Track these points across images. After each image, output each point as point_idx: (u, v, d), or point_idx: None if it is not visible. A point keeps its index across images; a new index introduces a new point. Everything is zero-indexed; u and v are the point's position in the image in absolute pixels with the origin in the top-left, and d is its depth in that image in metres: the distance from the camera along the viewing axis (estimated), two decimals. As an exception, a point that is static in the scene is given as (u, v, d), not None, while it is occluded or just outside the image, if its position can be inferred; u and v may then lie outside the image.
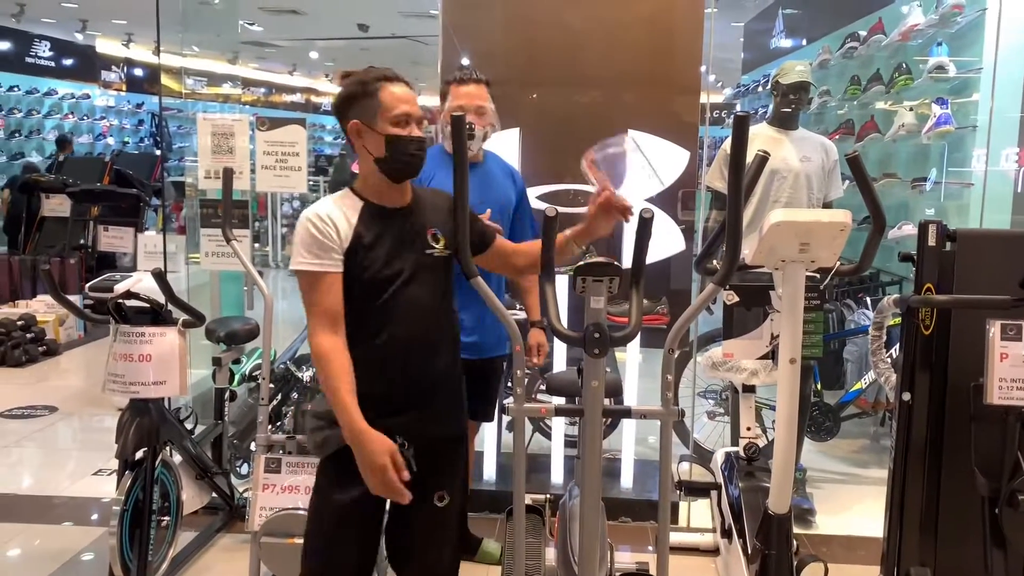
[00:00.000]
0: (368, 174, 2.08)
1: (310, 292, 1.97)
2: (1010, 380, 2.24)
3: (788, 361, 2.41)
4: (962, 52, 4.34)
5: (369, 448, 1.92)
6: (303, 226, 1.99)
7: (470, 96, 2.90)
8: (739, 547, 2.82)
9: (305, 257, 1.97)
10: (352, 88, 2.04)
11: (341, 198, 2.07)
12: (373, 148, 2.03)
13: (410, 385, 2.06)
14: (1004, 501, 2.26)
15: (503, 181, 3.04)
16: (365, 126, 2.03)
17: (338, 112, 2.09)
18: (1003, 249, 2.53)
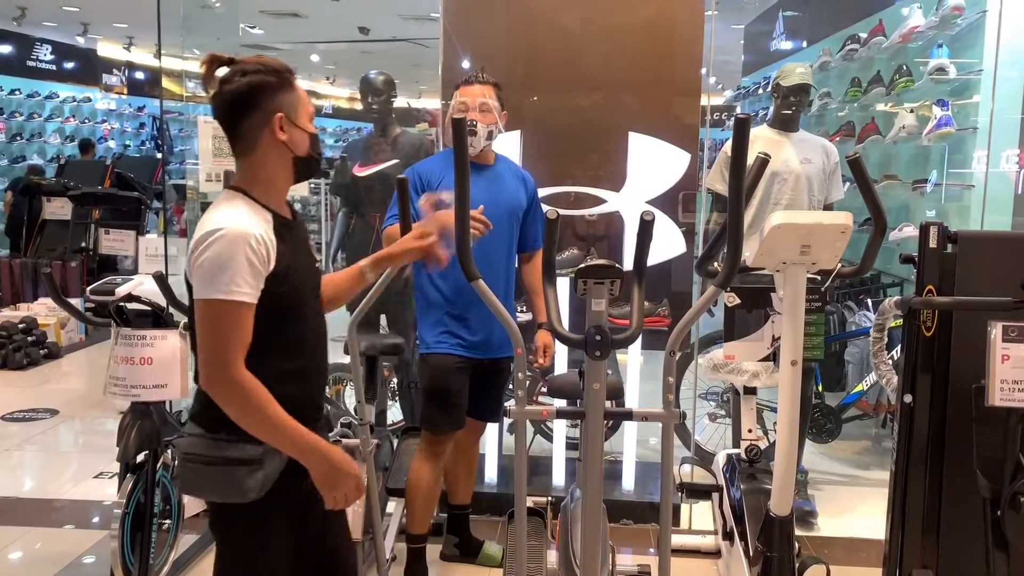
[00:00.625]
0: (276, 177, 1.83)
1: (234, 323, 1.70)
2: (1011, 382, 2.24)
3: (789, 363, 2.41)
4: (962, 54, 4.34)
5: (340, 459, 1.80)
6: (240, 247, 1.68)
7: (473, 94, 2.91)
8: (741, 549, 2.82)
9: (241, 287, 1.69)
10: (268, 77, 1.78)
11: (253, 212, 1.77)
12: (296, 145, 1.82)
13: (319, 399, 1.97)
14: (1006, 503, 2.26)
15: (513, 184, 3.04)
16: (289, 121, 1.80)
17: (245, 103, 1.77)
18: (1004, 251, 2.53)
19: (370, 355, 3.21)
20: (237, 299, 1.69)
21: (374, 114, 4.09)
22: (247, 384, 1.70)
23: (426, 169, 2.93)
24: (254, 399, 1.71)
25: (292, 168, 1.84)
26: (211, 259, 1.68)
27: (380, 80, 4.08)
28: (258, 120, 1.78)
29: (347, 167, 4.15)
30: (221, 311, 1.69)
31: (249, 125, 1.78)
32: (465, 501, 3.32)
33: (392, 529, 3.22)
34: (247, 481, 1.75)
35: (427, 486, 2.98)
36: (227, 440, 1.76)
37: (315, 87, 18.79)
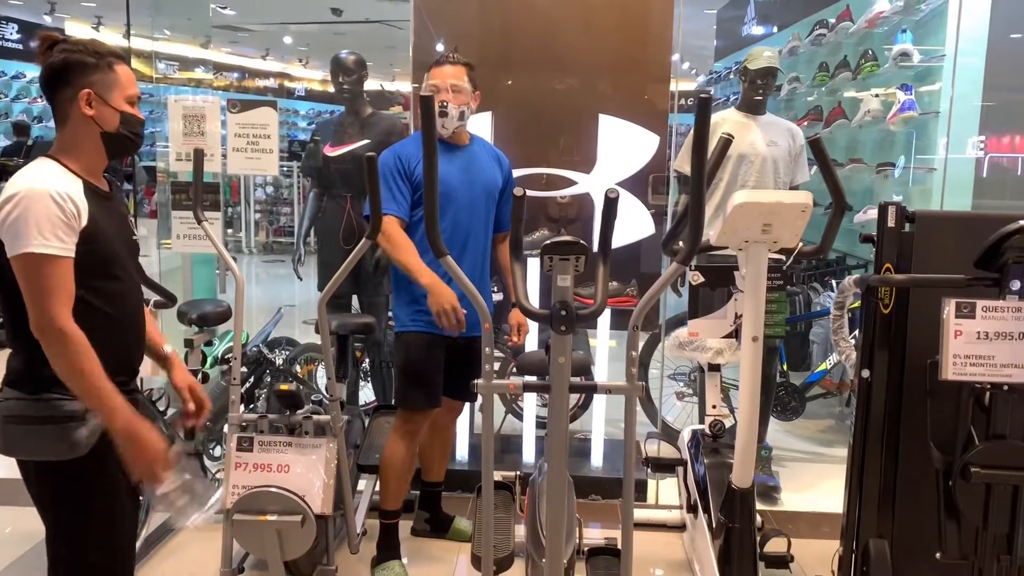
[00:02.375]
0: (86, 150, 1.94)
1: (53, 276, 1.79)
2: (964, 356, 2.30)
3: (751, 339, 2.47)
4: (926, 40, 4.42)
5: (141, 431, 1.86)
6: (44, 203, 1.79)
7: (444, 75, 2.91)
8: (704, 522, 2.89)
9: (52, 240, 1.78)
10: (84, 57, 1.90)
11: (57, 173, 1.88)
12: (104, 121, 1.93)
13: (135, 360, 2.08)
14: (957, 473, 2.33)
15: (489, 164, 3.06)
16: (98, 97, 1.92)
17: (60, 78, 1.91)
18: (960, 230, 2.59)
19: (341, 334, 3.25)
20: (48, 252, 1.78)
21: (345, 94, 4.09)
22: (70, 333, 1.79)
23: (404, 152, 2.93)
24: (74, 348, 1.80)
25: (101, 142, 1.96)
26: (16, 217, 1.78)
27: (351, 60, 4.08)
28: (69, 95, 1.91)
29: (318, 149, 4.15)
30: (35, 264, 1.78)
31: (62, 99, 1.92)
32: (438, 479, 3.37)
33: (363, 505, 3.26)
34: (75, 435, 1.86)
35: (400, 464, 3.01)
36: (54, 399, 1.86)
37: (288, 69, 18.62)
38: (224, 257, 2.85)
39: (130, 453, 1.87)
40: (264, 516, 2.50)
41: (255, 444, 2.63)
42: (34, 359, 1.85)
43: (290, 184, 12.33)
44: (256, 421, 2.68)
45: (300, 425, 2.69)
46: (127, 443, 1.86)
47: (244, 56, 16.93)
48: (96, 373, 1.82)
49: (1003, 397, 2.32)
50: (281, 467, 2.60)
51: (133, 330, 2.05)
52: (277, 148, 3.69)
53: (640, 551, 3.02)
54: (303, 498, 2.52)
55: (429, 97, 2.02)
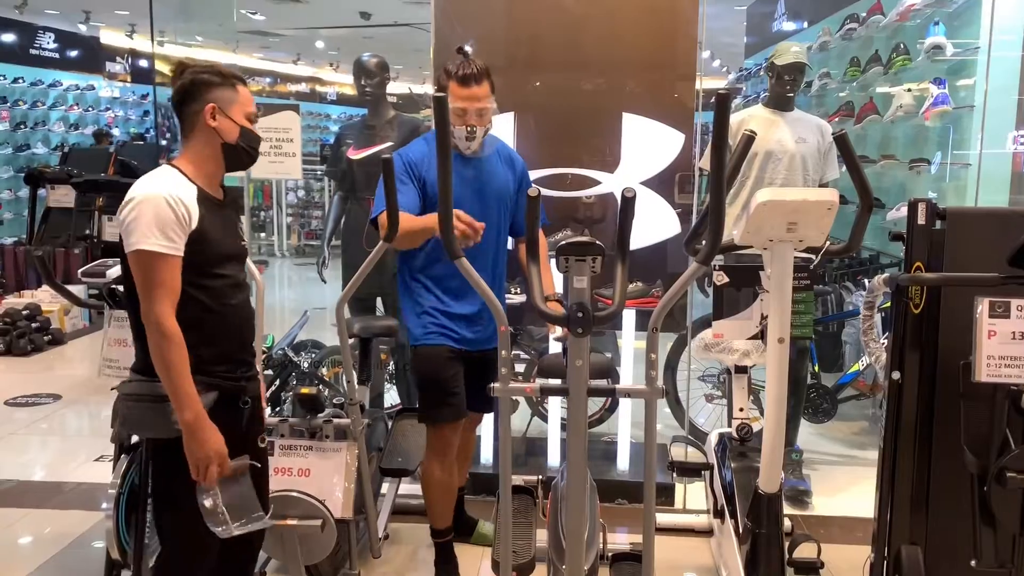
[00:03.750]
0: (206, 159, 2.15)
1: (160, 273, 2.00)
2: (998, 357, 2.23)
3: (776, 341, 2.42)
4: (959, 32, 4.31)
5: (203, 433, 2.02)
6: (158, 205, 2.00)
7: (473, 98, 2.73)
8: (731, 527, 2.83)
9: (159, 239, 1.99)
10: (210, 77, 2.14)
11: (174, 180, 2.09)
12: (226, 133, 2.14)
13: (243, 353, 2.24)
14: (992, 478, 2.26)
15: (502, 170, 2.95)
16: (221, 111, 2.13)
17: (189, 94, 2.13)
18: (992, 227, 2.52)
19: (364, 337, 3.23)
20: (156, 249, 1.99)
21: (367, 97, 4.08)
22: (167, 328, 1.99)
23: (411, 156, 2.84)
24: (172, 348, 1.99)
25: (221, 153, 2.15)
26: (133, 218, 1.99)
27: (373, 62, 4.07)
28: (196, 108, 2.12)
29: (341, 152, 4.15)
30: (145, 260, 1.99)
31: (189, 112, 2.13)
32: (460, 483, 3.33)
33: (386, 509, 3.25)
34: (175, 415, 2.03)
35: (438, 482, 2.94)
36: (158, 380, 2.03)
37: (319, 74, 18.77)
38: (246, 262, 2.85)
39: (189, 447, 2.03)
40: (285, 521, 2.49)
41: (276, 448, 2.63)
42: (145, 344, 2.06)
43: (321, 188, 12.42)
44: (277, 425, 2.68)
45: (321, 429, 2.69)
46: (189, 437, 2.02)
47: (276, 61, 17.09)
48: (180, 368, 2.00)
49: (1040, 400, 2.24)
50: (302, 471, 2.59)
51: (239, 323, 2.21)
52: (300, 152, 3.69)
53: (667, 556, 2.98)
54: (323, 502, 2.51)
55: (442, 97, 2.00)
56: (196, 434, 2.03)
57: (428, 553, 3.14)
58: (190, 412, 2.01)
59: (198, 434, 2.03)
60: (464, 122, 2.74)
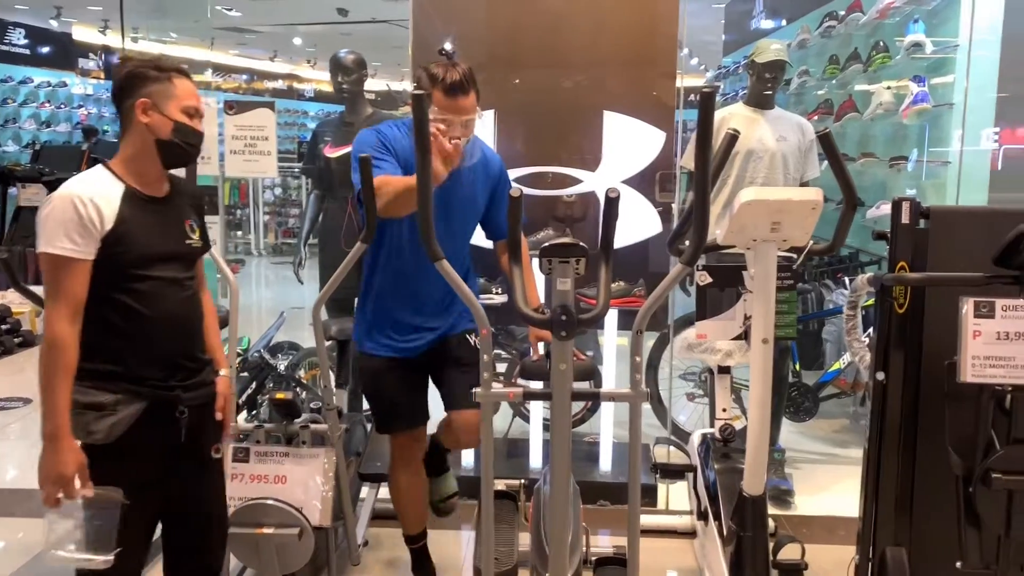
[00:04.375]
0: (139, 155, 2.07)
1: (61, 277, 1.95)
2: (983, 358, 2.21)
3: (760, 341, 2.39)
4: (938, 29, 4.32)
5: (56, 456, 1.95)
6: (64, 206, 1.94)
7: (460, 110, 2.53)
8: (715, 529, 2.81)
9: (63, 241, 1.93)
10: (144, 69, 2.06)
11: (98, 179, 2.03)
12: (158, 129, 2.05)
13: (180, 359, 2.13)
14: (978, 479, 2.25)
15: (476, 179, 2.76)
16: (154, 107, 2.05)
17: (123, 88, 2.06)
18: (977, 226, 2.51)
19: (342, 340, 3.18)
20: (58, 252, 1.93)
21: (344, 94, 4.02)
22: (60, 339, 1.93)
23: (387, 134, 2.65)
24: (58, 356, 1.93)
25: (156, 149, 2.07)
26: (42, 218, 1.95)
27: (350, 59, 4.01)
28: (129, 104, 2.05)
29: (317, 150, 4.09)
30: (47, 262, 1.95)
31: (124, 108, 2.06)
32: (451, 448, 3.02)
33: (365, 515, 3.20)
34: (94, 425, 1.99)
35: (404, 491, 2.87)
36: (86, 387, 2.00)
37: (296, 70, 18.62)
38: (219, 263, 2.79)
39: (42, 460, 1.96)
40: (261, 529, 2.44)
41: (251, 454, 2.57)
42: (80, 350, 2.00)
43: (299, 186, 12.31)
44: (252, 431, 2.62)
45: (297, 435, 2.63)
46: (45, 450, 1.96)
47: (252, 58, 16.93)
48: (54, 378, 1.93)
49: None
50: (278, 478, 2.54)
51: (175, 326, 2.11)
52: (276, 150, 3.63)
53: (649, 559, 2.95)
54: (300, 510, 2.46)
55: (421, 95, 1.95)
56: (50, 450, 1.95)
57: (408, 559, 3.09)
58: (51, 424, 1.94)
59: (55, 450, 1.95)
60: (446, 134, 2.48)
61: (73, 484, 1.97)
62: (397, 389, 2.75)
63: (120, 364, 2.02)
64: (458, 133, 2.52)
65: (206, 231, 2.29)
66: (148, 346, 2.06)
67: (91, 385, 2.01)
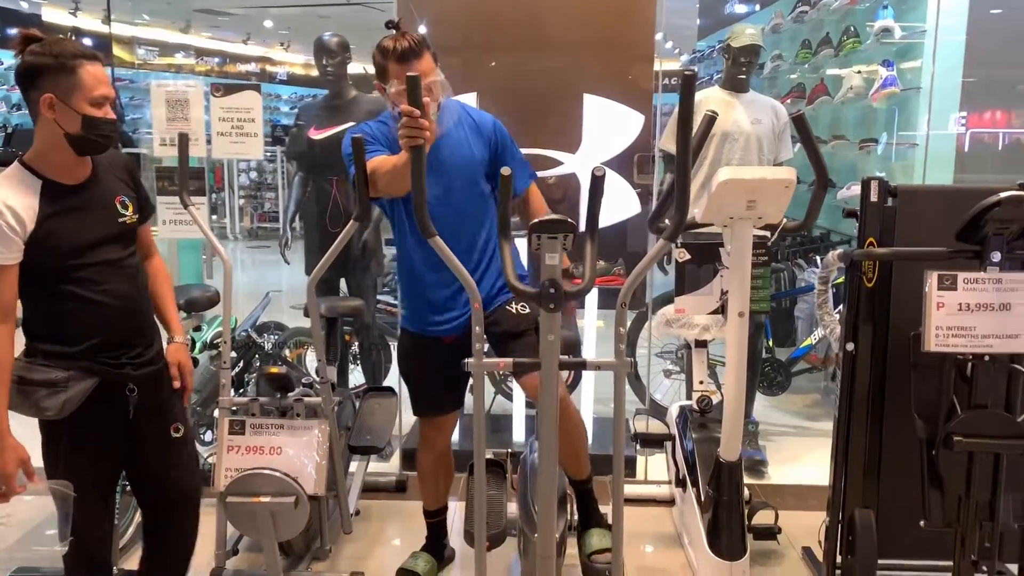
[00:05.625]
0: (51, 148, 2.03)
1: None
2: (946, 328, 2.33)
3: (737, 314, 2.50)
4: (907, 15, 4.44)
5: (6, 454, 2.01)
6: None
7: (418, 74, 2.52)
8: (693, 496, 2.93)
9: None
10: (45, 60, 1.96)
11: (13, 179, 2.00)
12: (67, 124, 1.99)
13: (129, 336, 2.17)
14: (940, 443, 2.37)
15: (465, 142, 2.69)
16: (60, 101, 1.98)
17: (26, 79, 1.99)
18: (941, 203, 2.63)
19: (330, 317, 3.26)
20: None
21: (328, 77, 4.07)
22: None
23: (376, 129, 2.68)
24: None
25: (67, 142, 2.02)
26: None
27: (334, 42, 4.06)
28: (35, 97, 1.99)
29: (301, 133, 4.14)
30: None
31: (31, 100, 2.00)
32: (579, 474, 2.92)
33: (356, 486, 3.28)
34: (46, 401, 2.04)
35: (422, 468, 2.94)
36: (39, 364, 2.05)
37: (269, 53, 18.44)
38: (212, 241, 2.85)
39: None
40: (258, 498, 2.51)
41: (247, 427, 2.64)
42: (29, 332, 2.10)
43: (274, 169, 12.27)
44: (247, 404, 2.70)
45: (292, 407, 2.71)
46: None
47: (225, 41, 16.76)
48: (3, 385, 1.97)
49: (984, 367, 2.36)
50: (273, 449, 2.61)
51: (117, 309, 2.12)
52: (262, 132, 3.68)
53: (630, 526, 3.06)
54: (296, 479, 2.53)
55: (416, 77, 2.03)
56: None
57: (398, 529, 3.19)
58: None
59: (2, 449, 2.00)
60: None
61: (15, 481, 2.03)
62: (423, 373, 2.78)
63: (70, 344, 2.06)
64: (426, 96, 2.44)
65: (145, 198, 2.27)
66: (96, 328, 2.09)
67: (43, 363, 2.06)
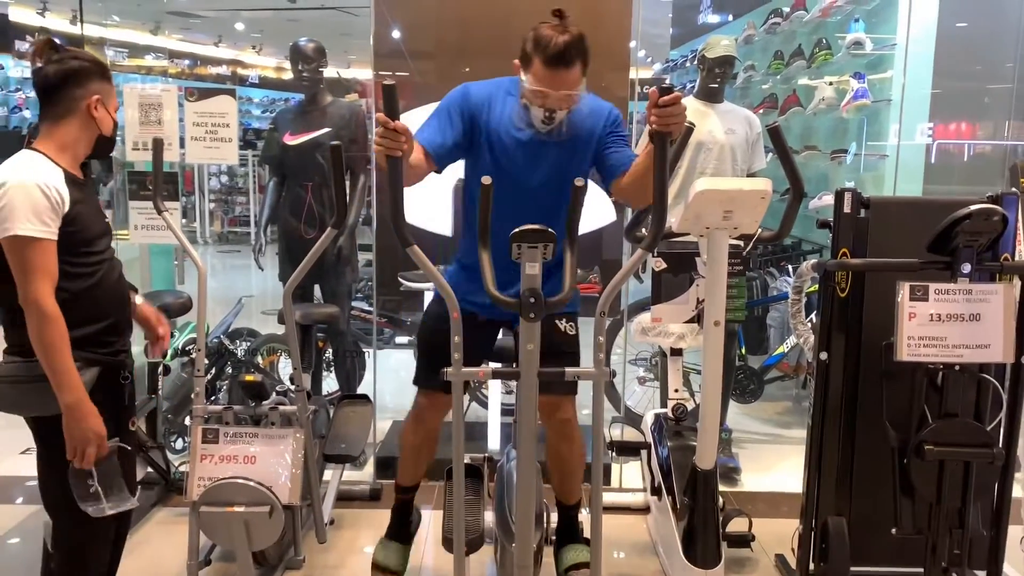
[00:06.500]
0: (77, 144, 2.18)
1: (36, 256, 2.03)
2: (918, 338, 2.37)
3: (713, 323, 2.53)
4: (878, 28, 4.51)
5: (85, 413, 2.08)
6: (30, 192, 2.02)
7: (559, 83, 2.32)
8: (668, 504, 2.94)
9: (35, 224, 2.02)
10: (94, 66, 2.19)
11: (45, 166, 2.10)
12: (104, 126, 2.22)
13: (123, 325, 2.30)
14: (912, 451, 2.41)
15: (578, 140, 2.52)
16: (103, 105, 2.19)
17: (73, 79, 2.14)
18: (913, 215, 2.67)
19: (304, 324, 3.23)
20: (32, 235, 2.01)
21: (304, 82, 4.05)
22: (48, 310, 2.02)
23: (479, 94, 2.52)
24: (47, 324, 2.02)
25: (94, 142, 2.22)
26: (4, 204, 2.01)
27: (310, 47, 4.04)
28: (78, 95, 2.15)
29: (275, 137, 4.11)
30: (20, 245, 2.01)
31: (69, 97, 2.14)
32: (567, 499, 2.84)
33: (330, 495, 3.26)
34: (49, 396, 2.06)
35: (405, 442, 2.79)
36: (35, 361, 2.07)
37: (241, 56, 18.30)
38: (186, 247, 2.82)
39: (69, 428, 2.08)
40: (231, 507, 2.49)
41: (220, 436, 2.61)
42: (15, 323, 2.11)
43: (245, 173, 12.17)
44: (221, 412, 2.67)
45: (266, 416, 2.68)
46: (70, 417, 2.07)
47: (196, 43, 16.61)
48: (61, 350, 2.04)
49: (955, 377, 2.41)
50: (248, 458, 2.59)
51: (116, 297, 2.27)
52: (237, 137, 3.65)
53: (605, 535, 3.07)
54: (270, 489, 2.51)
55: (391, 86, 2.01)
56: (77, 415, 2.07)
57: (372, 538, 3.15)
58: (71, 394, 2.06)
59: (79, 416, 2.07)
60: (544, 104, 2.36)
61: (105, 441, 2.12)
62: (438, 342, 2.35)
63: (79, 335, 2.11)
64: (554, 105, 2.36)
65: None
66: (102, 316, 2.19)
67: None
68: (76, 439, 2.08)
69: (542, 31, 2.34)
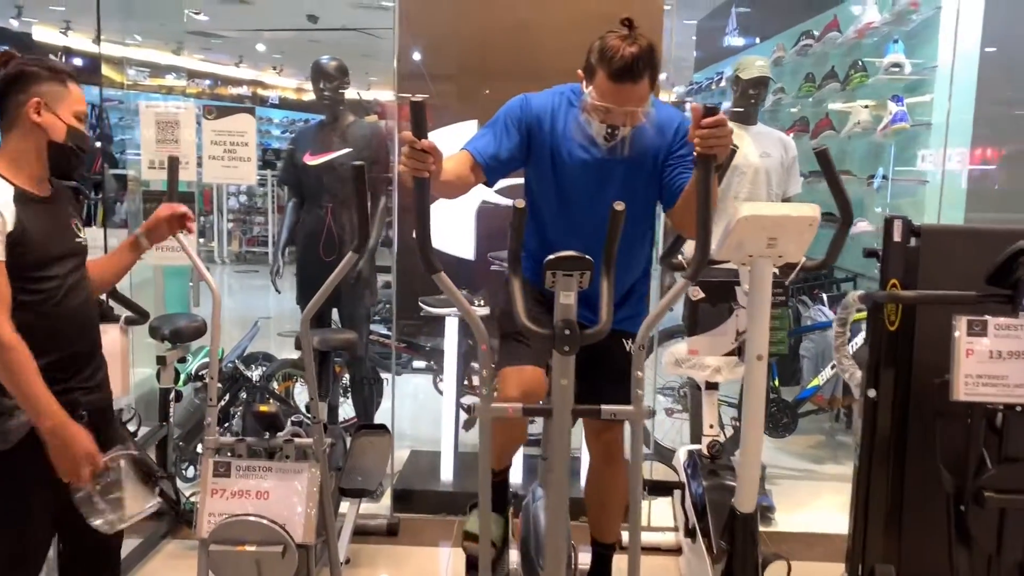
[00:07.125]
0: (27, 156, 2.04)
1: None
2: (976, 376, 2.22)
3: (755, 357, 2.37)
4: (917, 50, 4.38)
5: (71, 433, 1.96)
6: None
7: (624, 99, 2.19)
8: (703, 546, 2.78)
9: None
10: (39, 68, 2.04)
11: None
12: (52, 130, 2.04)
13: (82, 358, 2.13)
14: (970, 498, 2.25)
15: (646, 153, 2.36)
16: (47, 107, 2.03)
17: (13, 85, 2.01)
18: (967, 244, 2.53)
19: (322, 351, 3.11)
20: None
21: (325, 101, 3.96)
22: (11, 340, 1.89)
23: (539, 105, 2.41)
24: (16, 356, 1.89)
25: (47, 151, 2.04)
26: None
27: (332, 66, 3.95)
28: (20, 101, 2.01)
29: (295, 158, 4.02)
30: None
31: (11, 105, 2.02)
32: (609, 539, 2.74)
33: (347, 531, 3.12)
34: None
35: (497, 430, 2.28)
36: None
37: (261, 77, 18.42)
38: (200, 270, 2.70)
39: (56, 452, 1.96)
40: (242, 547, 2.35)
41: (232, 469, 2.48)
42: None
43: (264, 193, 12.14)
44: (234, 444, 2.54)
45: (281, 448, 2.55)
46: (54, 443, 1.95)
47: (217, 63, 16.72)
48: (29, 376, 1.91)
49: (1016, 418, 2.24)
50: (260, 494, 2.45)
51: (76, 325, 2.10)
52: (255, 156, 3.55)
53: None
54: (284, 527, 2.38)
55: (420, 103, 1.90)
56: (60, 441, 1.96)
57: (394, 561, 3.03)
58: (50, 419, 1.94)
59: (63, 441, 1.96)
60: (605, 119, 2.24)
61: (97, 457, 2.02)
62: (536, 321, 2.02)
63: None
64: (617, 122, 2.23)
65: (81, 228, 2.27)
66: (52, 348, 2.02)
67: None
68: (66, 463, 1.97)
69: (609, 41, 2.19)
